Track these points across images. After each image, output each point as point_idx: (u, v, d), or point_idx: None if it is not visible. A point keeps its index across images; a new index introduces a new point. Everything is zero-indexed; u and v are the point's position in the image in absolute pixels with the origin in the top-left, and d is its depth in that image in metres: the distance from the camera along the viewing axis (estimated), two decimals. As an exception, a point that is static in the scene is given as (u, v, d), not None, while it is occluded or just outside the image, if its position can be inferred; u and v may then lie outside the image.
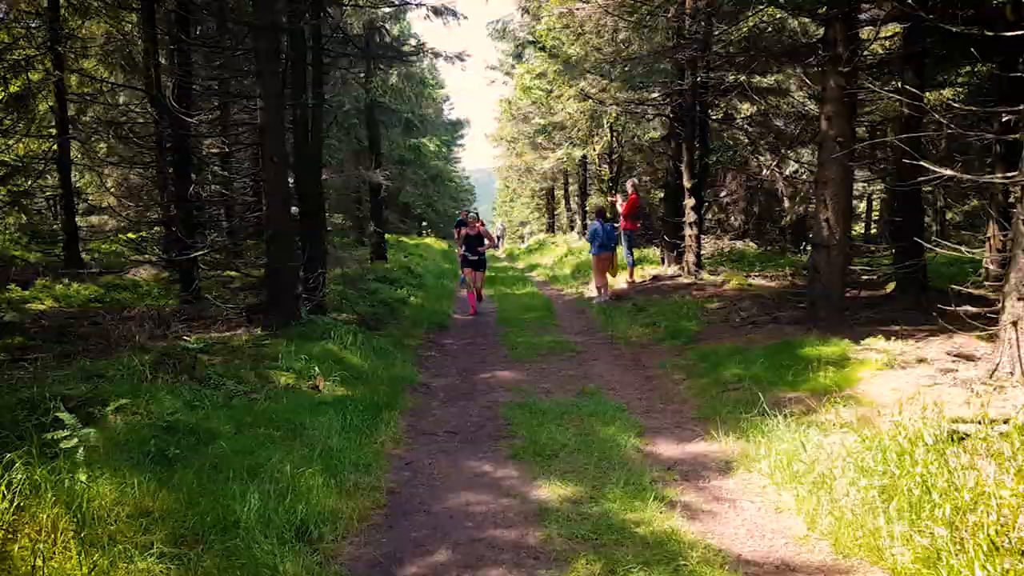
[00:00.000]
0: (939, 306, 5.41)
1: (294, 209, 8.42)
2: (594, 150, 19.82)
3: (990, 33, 4.72)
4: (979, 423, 3.75)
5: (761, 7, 8.74)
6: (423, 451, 4.54)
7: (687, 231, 12.24)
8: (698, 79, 11.38)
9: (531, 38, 13.43)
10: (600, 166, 20.68)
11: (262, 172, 7.78)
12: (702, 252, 12.77)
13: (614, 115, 15.83)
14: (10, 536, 2.52)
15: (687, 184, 12.02)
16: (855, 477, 3.27)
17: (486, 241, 11.42)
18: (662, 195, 15.39)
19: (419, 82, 17.35)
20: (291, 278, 7.68)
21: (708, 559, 2.97)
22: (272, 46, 7.12)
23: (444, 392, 6.18)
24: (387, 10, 11.39)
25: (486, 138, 29.70)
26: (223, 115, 9.54)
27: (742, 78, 10.61)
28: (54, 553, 2.50)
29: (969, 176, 5.15)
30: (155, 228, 11.75)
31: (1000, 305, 4.97)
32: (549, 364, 7.17)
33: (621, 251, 12.37)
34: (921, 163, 4.91)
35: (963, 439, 3.64)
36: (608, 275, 11.59)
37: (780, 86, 11.56)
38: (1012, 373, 4.76)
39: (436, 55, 14.03)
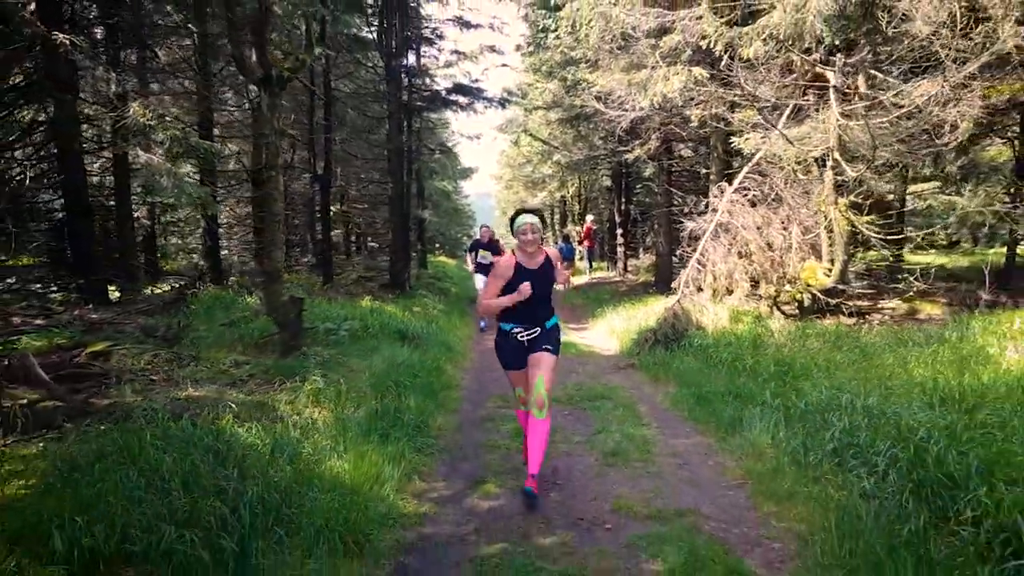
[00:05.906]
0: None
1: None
2: (568, 192, 27.87)
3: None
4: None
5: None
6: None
7: (618, 250, 20.10)
8: (619, 160, 19.29)
9: (522, 131, 21.53)
10: (573, 203, 28.71)
11: (388, 221, 15.59)
12: (637, 262, 20.59)
13: (580, 174, 23.84)
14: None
15: (618, 220, 19.92)
16: (619, 319, 11.04)
17: (559, 281, 4.74)
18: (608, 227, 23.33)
19: (452, 155, 25.41)
20: (401, 272, 15.43)
21: (573, 340, 10.73)
22: (399, 158, 14.94)
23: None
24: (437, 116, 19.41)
25: (490, 177, 37.97)
26: (357, 189, 17.43)
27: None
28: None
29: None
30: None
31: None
32: (531, 312, 14.95)
33: (581, 263, 20.23)
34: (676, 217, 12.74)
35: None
36: (570, 276, 19.38)
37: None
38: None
39: (461, 134, 21.93)
